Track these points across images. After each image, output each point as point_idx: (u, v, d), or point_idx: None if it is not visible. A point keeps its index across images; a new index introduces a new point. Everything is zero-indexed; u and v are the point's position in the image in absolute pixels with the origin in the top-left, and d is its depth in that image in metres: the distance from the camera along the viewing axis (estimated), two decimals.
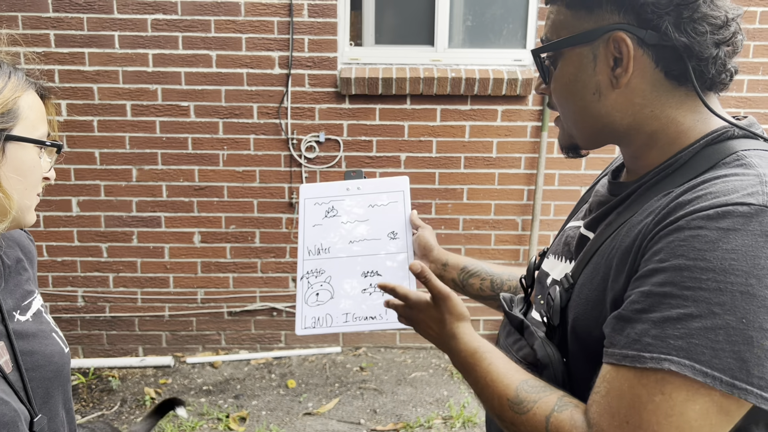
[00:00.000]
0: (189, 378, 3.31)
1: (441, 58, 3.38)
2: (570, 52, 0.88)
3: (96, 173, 3.33)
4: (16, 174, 0.91)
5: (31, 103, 0.94)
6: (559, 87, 0.91)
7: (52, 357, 1.01)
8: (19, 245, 1.09)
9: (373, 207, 1.35)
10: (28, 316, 1.02)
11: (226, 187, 3.39)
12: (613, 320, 0.78)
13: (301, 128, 3.35)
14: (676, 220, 0.74)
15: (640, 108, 0.85)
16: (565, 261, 1.00)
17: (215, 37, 3.22)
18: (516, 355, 0.94)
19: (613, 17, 0.83)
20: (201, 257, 3.47)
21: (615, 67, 0.84)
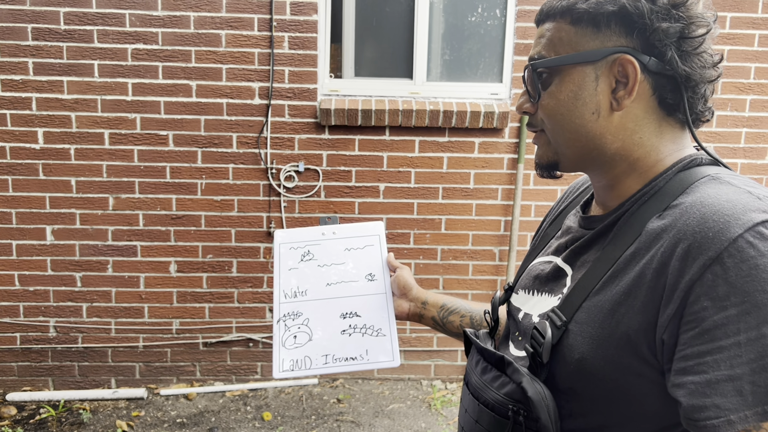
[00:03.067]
0: (162, 410, 3.24)
1: (419, 91, 3.44)
2: (571, 69, 0.88)
3: (72, 201, 3.30)
4: None
5: None
6: (554, 104, 0.90)
7: None
8: None
9: (349, 251, 1.35)
10: None
11: (203, 216, 3.38)
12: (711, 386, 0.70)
13: (280, 158, 3.36)
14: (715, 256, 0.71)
15: (630, 133, 0.87)
16: (538, 294, 0.99)
17: (195, 67, 3.24)
18: (497, 392, 0.91)
19: (620, 39, 0.84)
20: (177, 287, 3.43)
21: (617, 89, 0.86)
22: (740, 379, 0.69)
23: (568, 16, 0.87)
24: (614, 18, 0.84)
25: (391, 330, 1.29)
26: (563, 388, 0.87)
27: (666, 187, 0.84)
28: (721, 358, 0.69)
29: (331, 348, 1.25)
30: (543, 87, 0.91)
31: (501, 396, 0.89)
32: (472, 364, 1.02)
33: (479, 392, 0.94)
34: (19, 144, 3.23)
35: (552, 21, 0.90)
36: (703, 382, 0.71)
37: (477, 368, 0.99)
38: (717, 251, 0.71)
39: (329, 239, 1.36)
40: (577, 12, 0.86)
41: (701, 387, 0.71)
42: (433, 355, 3.62)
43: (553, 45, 0.89)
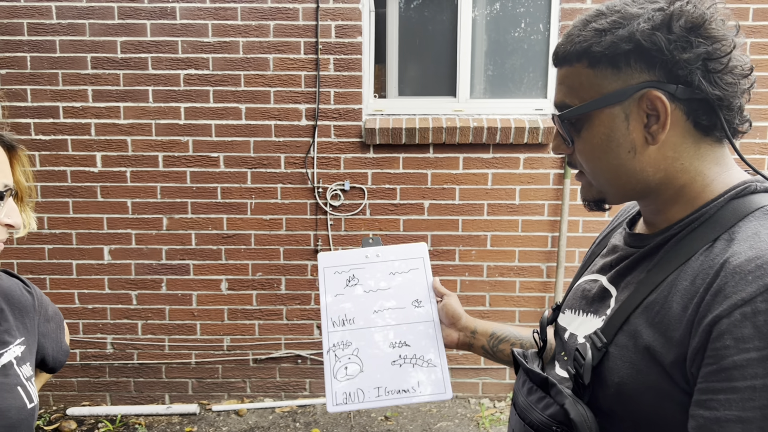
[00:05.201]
0: (214, 426, 3.31)
1: (463, 108, 3.46)
2: (599, 113, 0.87)
3: (128, 222, 3.42)
4: None
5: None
6: (589, 148, 0.90)
7: (7, 412, 1.02)
8: (5, 296, 1.13)
9: (394, 275, 1.33)
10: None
11: (253, 234, 3.46)
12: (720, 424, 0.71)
13: (326, 177, 3.42)
14: (749, 298, 0.71)
15: (671, 161, 0.86)
16: (584, 315, 0.99)
17: (245, 91, 3.34)
18: (542, 414, 0.91)
19: (642, 75, 0.83)
20: (228, 304, 3.52)
21: (649, 124, 0.84)
22: (750, 423, 0.69)
23: (584, 60, 0.86)
24: (633, 55, 0.83)
25: (442, 361, 1.26)
26: (606, 411, 0.87)
27: (717, 215, 0.83)
28: (734, 399, 0.70)
29: (383, 380, 1.22)
30: (575, 133, 0.91)
31: (545, 417, 0.90)
32: (519, 384, 1.03)
33: (525, 413, 0.95)
34: (79, 168, 3.38)
35: (568, 65, 0.89)
36: (712, 419, 0.71)
37: (523, 389, 1.00)
38: (752, 294, 0.70)
39: (373, 262, 1.34)
40: (593, 55, 0.85)
41: (709, 423, 0.71)
42: (481, 373, 3.59)
43: (574, 91, 0.89)
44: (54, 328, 1.24)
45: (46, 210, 3.38)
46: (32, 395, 1.08)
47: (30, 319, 1.16)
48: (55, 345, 1.24)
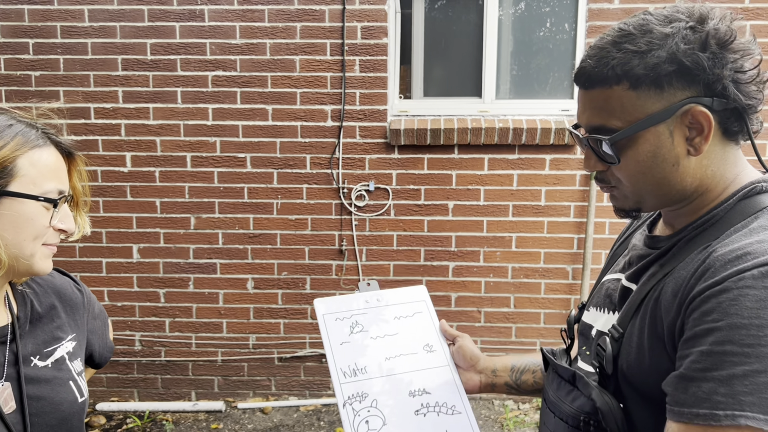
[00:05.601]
0: (240, 423, 3.35)
1: (488, 109, 3.45)
2: (645, 132, 0.89)
3: (156, 221, 3.48)
4: (10, 226, 0.96)
5: (36, 160, 0.99)
6: (633, 165, 0.92)
7: (60, 405, 1.05)
8: (57, 293, 1.17)
9: (399, 319, 1.28)
10: (47, 362, 1.07)
11: (279, 234, 3.50)
12: (674, 379, 0.82)
13: (351, 178, 3.44)
14: (721, 280, 0.79)
15: (705, 169, 0.91)
16: (608, 312, 1.03)
17: (271, 92, 3.37)
18: (570, 406, 0.97)
19: (684, 93, 0.87)
20: (253, 303, 3.55)
21: (691, 137, 0.89)
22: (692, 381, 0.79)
23: (625, 82, 0.88)
24: (675, 75, 0.86)
25: (465, 406, 1.21)
26: (627, 396, 0.93)
27: (726, 216, 0.90)
28: (687, 361, 0.80)
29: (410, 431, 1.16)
30: (618, 154, 0.92)
31: (573, 409, 0.96)
32: (548, 381, 1.09)
33: (555, 406, 1.01)
34: (109, 167, 3.45)
35: (603, 87, 0.90)
36: (673, 376, 0.82)
37: (553, 384, 1.05)
38: (724, 277, 0.79)
39: (375, 307, 1.28)
40: (635, 77, 0.87)
41: (671, 378, 0.83)
42: None
43: (614, 113, 0.90)
44: (100, 325, 1.28)
45: None
46: (83, 389, 1.12)
47: (80, 316, 1.20)
48: (101, 341, 1.28)
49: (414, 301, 1.32)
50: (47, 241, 1.02)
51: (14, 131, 0.98)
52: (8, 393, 0.99)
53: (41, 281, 1.16)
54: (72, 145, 1.08)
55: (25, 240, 0.97)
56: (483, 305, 3.52)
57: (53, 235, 1.02)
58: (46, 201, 0.99)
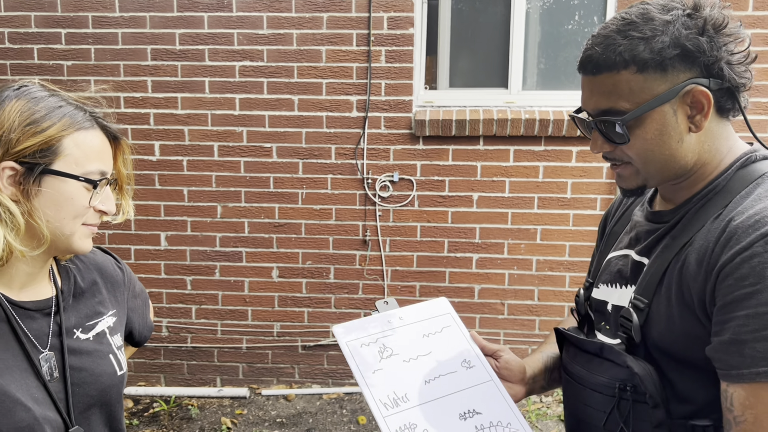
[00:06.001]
0: (263, 410, 3.39)
1: (515, 100, 3.43)
2: (652, 112, 0.97)
3: (184, 210, 3.53)
4: (52, 204, 0.99)
5: (80, 141, 1.01)
6: (642, 144, 0.99)
7: (100, 376, 1.09)
8: (99, 270, 1.21)
9: (428, 336, 1.20)
10: (89, 335, 1.12)
11: (303, 224, 3.52)
12: (723, 345, 0.88)
13: (376, 168, 3.45)
14: (748, 245, 0.87)
15: (702, 144, 0.99)
16: (621, 287, 1.09)
17: (298, 83, 3.39)
18: (603, 376, 1.03)
19: (686, 74, 0.95)
20: (278, 291, 3.59)
21: (692, 115, 0.97)
22: (743, 344, 0.85)
23: (632, 66, 0.95)
24: (677, 58, 0.94)
25: (521, 421, 1.14)
26: (660, 360, 0.99)
27: (728, 185, 0.98)
28: (733, 325, 0.86)
29: None
30: (628, 133, 0.99)
31: (607, 378, 1.02)
32: (569, 357, 1.14)
33: (586, 379, 1.07)
34: (138, 156, 3.50)
35: (611, 71, 0.97)
36: (718, 341, 0.89)
37: (577, 359, 1.11)
38: (750, 242, 0.86)
39: (400, 327, 1.19)
40: (641, 61, 0.94)
41: (717, 344, 0.89)
42: None
43: (623, 96, 0.97)
44: (140, 305, 1.31)
45: None
46: (122, 363, 1.16)
47: (120, 293, 1.24)
48: (141, 320, 1.31)
49: (439, 315, 1.24)
50: (87, 221, 1.04)
51: (62, 112, 1.01)
52: (52, 362, 1.03)
53: (84, 258, 1.20)
54: (118, 131, 1.10)
55: (65, 218, 1.00)
56: (507, 297, 3.51)
57: (93, 215, 1.05)
58: (87, 182, 1.01)
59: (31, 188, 0.98)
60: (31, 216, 0.98)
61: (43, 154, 0.98)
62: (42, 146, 0.98)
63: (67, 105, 1.03)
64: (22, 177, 0.97)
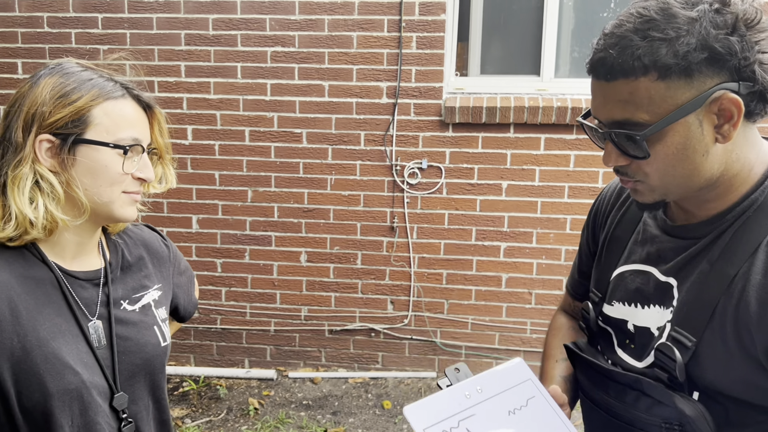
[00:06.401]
0: (290, 392, 3.45)
1: (547, 88, 3.39)
2: (675, 124, 0.85)
3: (215, 193, 3.59)
4: (88, 172, 1.03)
5: (110, 110, 1.04)
6: (662, 159, 0.88)
7: (144, 346, 1.13)
8: (145, 245, 1.25)
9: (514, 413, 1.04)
10: (135, 307, 1.15)
11: (332, 210, 3.55)
12: None
13: (404, 155, 3.45)
14: None
15: (730, 153, 0.89)
16: (646, 307, 1.00)
17: (328, 68, 3.40)
18: (646, 414, 0.94)
19: (713, 80, 0.83)
20: (306, 276, 3.63)
21: (720, 124, 0.86)
22: None
23: (653, 72, 0.83)
24: (705, 62, 0.82)
25: None
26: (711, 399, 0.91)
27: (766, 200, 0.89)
28: None
29: None
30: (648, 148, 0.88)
31: (649, 416, 0.94)
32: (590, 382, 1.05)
33: (620, 413, 0.98)
34: (171, 140, 3.55)
35: (628, 78, 0.85)
36: None
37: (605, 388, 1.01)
38: None
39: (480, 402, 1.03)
40: (664, 66, 0.82)
41: None
42: None
43: (642, 106, 0.85)
44: (185, 281, 1.35)
45: None
46: (166, 335, 1.20)
47: (166, 269, 1.28)
48: (186, 296, 1.35)
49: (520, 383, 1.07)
50: (127, 189, 1.07)
51: (92, 84, 1.04)
52: (100, 330, 1.08)
53: (131, 233, 1.24)
54: (151, 100, 1.12)
55: (101, 186, 1.04)
56: (534, 287, 3.49)
57: (132, 183, 1.07)
58: (116, 148, 1.04)
59: (68, 158, 1.02)
60: (70, 186, 1.02)
61: (75, 125, 1.01)
62: (73, 117, 1.01)
63: (98, 77, 1.06)
64: (58, 148, 1.01)
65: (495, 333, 3.54)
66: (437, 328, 3.58)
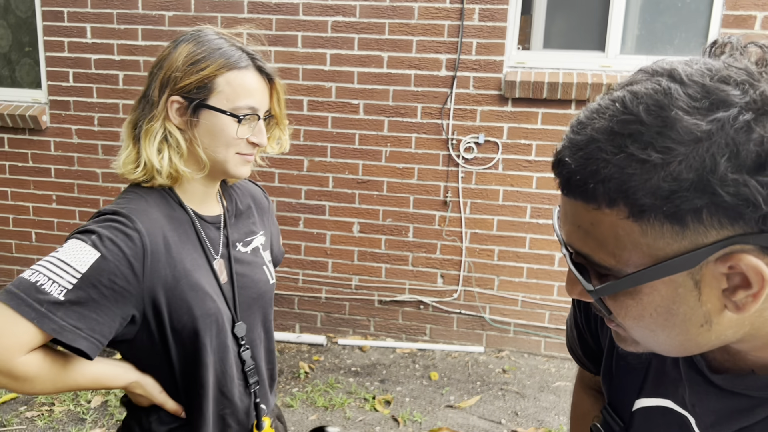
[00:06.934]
0: (339, 358, 3.52)
1: (611, 64, 3.31)
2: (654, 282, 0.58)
3: (273, 161, 3.64)
4: (207, 134, 1.14)
5: (232, 80, 1.14)
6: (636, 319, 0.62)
7: (257, 283, 1.28)
8: (252, 197, 1.39)
9: None
10: (248, 249, 1.30)
11: (386, 182, 3.57)
12: None
13: (461, 129, 3.43)
14: None
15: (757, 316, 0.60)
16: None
17: (388, 39, 3.39)
18: None
19: (721, 232, 0.54)
20: (358, 246, 3.68)
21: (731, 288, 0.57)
22: None
23: (622, 207, 0.56)
24: (707, 209, 0.53)
25: None
26: None
27: None
28: None
29: None
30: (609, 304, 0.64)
31: None
32: None
33: None
34: None
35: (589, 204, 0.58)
36: None
37: None
38: None
39: None
40: (638, 206, 0.55)
41: None
42: None
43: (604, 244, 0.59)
44: (276, 233, 1.48)
45: None
46: (272, 274, 1.34)
47: (267, 218, 1.41)
48: (277, 246, 1.47)
49: None
50: (241, 151, 1.17)
51: (220, 54, 1.14)
52: (223, 267, 1.22)
53: (241, 186, 1.38)
54: (273, 71, 1.21)
55: (218, 146, 1.15)
56: None
57: (246, 146, 1.17)
58: (232, 116, 1.14)
59: (192, 119, 1.14)
60: (192, 143, 1.15)
61: (200, 91, 1.13)
62: (199, 84, 1.12)
63: (228, 47, 1.16)
64: (185, 109, 1.14)
65: (545, 311, 3.53)
66: (486, 304, 3.59)
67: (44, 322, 0.96)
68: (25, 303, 0.96)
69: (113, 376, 1.11)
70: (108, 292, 1.02)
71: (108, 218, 1.07)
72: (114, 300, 1.03)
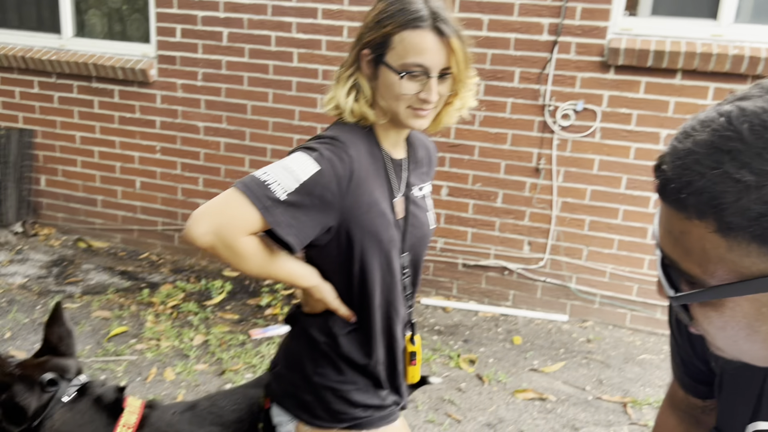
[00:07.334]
0: (423, 316, 3.60)
1: (723, 34, 3.17)
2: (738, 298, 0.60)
3: None
4: (383, 86, 1.26)
5: (404, 38, 1.21)
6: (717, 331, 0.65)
7: (423, 224, 1.41)
8: (425, 149, 1.50)
9: None
10: (420, 194, 1.43)
11: (477, 146, 3.58)
12: None
13: (559, 95, 3.39)
14: None
15: None
16: None
17: (489, 2, 3.37)
18: None
19: None
20: (446, 209, 3.72)
21: None
22: None
23: (711, 221, 0.57)
24: None
25: None
26: None
27: None
28: None
29: None
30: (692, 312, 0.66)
31: None
32: None
33: None
34: (329, 66, 3.69)
35: (680, 213, 0.60)
36: None
37: None
38: None
39: None
40: (725, 223, 0.56)
41: None
42: None
43: (691, 253, 0.61)
44: None
45: (298, 101, 3.78)
46: (433, 220, 1.47)
47: (433, 170, 1.54)
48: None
49: None
50: (412, 105, 1.25)
51: (403, 13, 1.21)
52: (401, 205, 1.36)
53: (419, 137, 1.49)
54: (450, 31, 1.20)
55: (389, 99, 1.27)
56: None
57: (416, 101, 1.25)
58: (395, 72, 1.23)
59: (374, 72, 1.27)
60: (375, 93, 1.29)
61: (380, 46, 1.24)
62: (380, 40, 1.24)
63: (413, 6, 1.20)
64: (372, 62, 1.26)
65: (634, 284, 3.48)
66: (573, 274, 3.58)
67: (267, 214, 1.14)
68: (255, 195, 1.14)
69: (303, 275, 1.28)
70: (318, 202, 1.18)
71: (328, 141, 1.23)
72: (321, 209, 1.19)
